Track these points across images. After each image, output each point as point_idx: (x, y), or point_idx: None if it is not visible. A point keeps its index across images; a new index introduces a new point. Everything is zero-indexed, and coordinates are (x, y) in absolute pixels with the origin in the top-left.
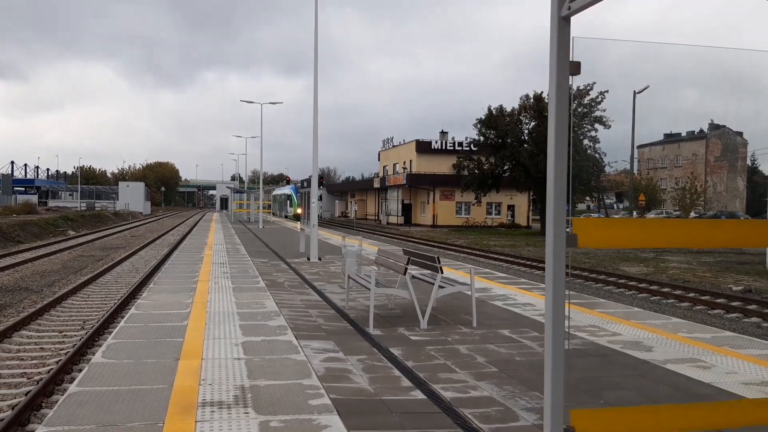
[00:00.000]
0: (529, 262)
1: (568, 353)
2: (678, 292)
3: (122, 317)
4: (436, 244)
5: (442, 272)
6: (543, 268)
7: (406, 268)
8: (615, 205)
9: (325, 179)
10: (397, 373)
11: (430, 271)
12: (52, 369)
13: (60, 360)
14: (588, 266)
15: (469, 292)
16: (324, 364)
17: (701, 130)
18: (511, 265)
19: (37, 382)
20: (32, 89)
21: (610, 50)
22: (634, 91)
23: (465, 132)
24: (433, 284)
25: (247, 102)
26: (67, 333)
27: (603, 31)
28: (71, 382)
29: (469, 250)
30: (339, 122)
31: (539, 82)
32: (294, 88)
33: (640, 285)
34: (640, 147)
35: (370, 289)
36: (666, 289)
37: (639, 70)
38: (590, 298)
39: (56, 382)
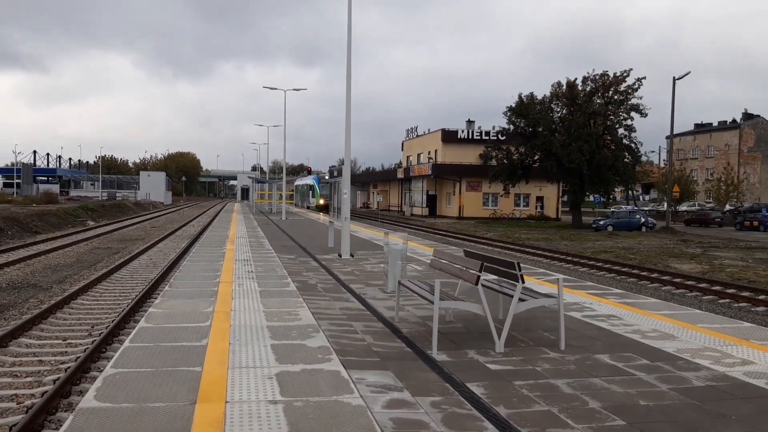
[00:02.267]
0: (569, 258)
1: (703, 391)
2: (746, 293)
3: (130, 331)
4: (465, 237)
5: (523, 281)
6: (592, 266)
7: (477, 276)
8: (642, 197)
9: (336, 173)
10: (490, 427)
11: (496, 277)
12: (46, 392)
13: (58, 378)
14: (634, 262)
15: (551, 305)
16: (389, 413)
17: (734, 120)
18: (552, 261)
19: (26, 410)
20: (53, 80)
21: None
22: (674, 77)
23: (485, 121)
24: (507, 294)
25: (270, 88)
26: (72, 341)
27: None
28: (67, 411)
29: (501, 244)
30: (356, 113)
31: (559, 70)
32: (311, 79)
33: (700, 285)
34: (668, 137)
35: (431, 301)
36: (731, 290)
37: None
38: (677, 307)
39: (48, 411)
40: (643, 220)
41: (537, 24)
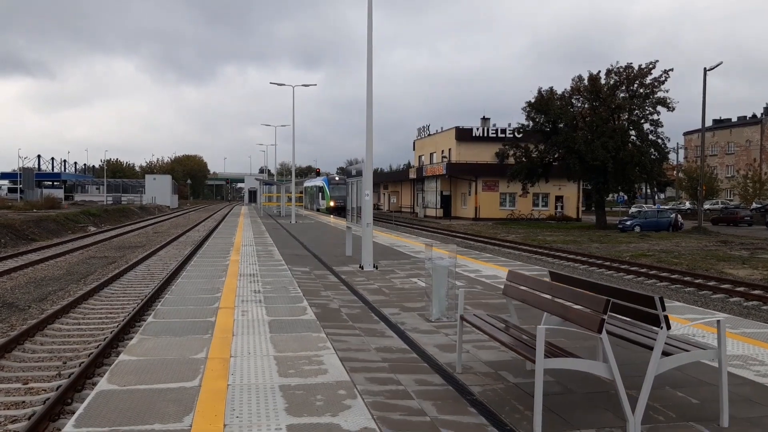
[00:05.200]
0: (606, 263)
1: None
2: None
3: (108, 368)
4: (485, 240)
5: (669, 326)
6: (637, 273)
7: (601, 321)
8: (657, 195)
9: (354, 172)
10: None
11: (588, 309)
12: None
13: None
14: (682, 268)
15: (710, 360)
16: None
17: (754, 115)
18: (590, 267)
19: None
20: (59, 85)
21: None
22: (705, 68)
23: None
24: (631, 341)
25: (278, 84)
26: (34, 385)
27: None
28: None
29: (528, 248)
30: (361, 114)
31: (561, 70)
32: (314, 81)
33: None
34: (686, 134)
35: (529, 359)
36: None
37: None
38: None
39: None
40: (678, 220)
41: (538, 24)
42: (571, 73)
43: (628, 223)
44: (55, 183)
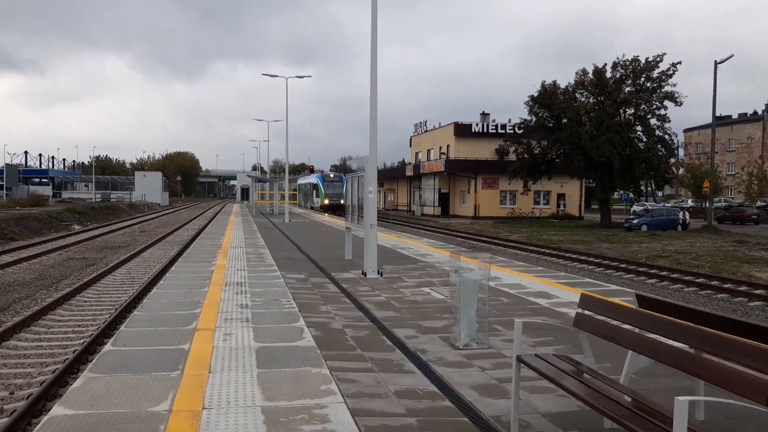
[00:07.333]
0: (622, 265)
1: None
2: None
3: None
4: (487, 240)
5: None
6: (660, 277)
7: None
8: (656, 193)
9: (355, 166)
10: None
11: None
12: None
13: None
14: (704, 270)
15: None
16: None
17: (755, 112)
18: (606, 270)
19: None
20: (50, 82)
21: None
22: (715, 61)
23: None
24: None
25: (271, 75)
26: None
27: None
28: None
29: (534, 249)
30: (355, 112)
31: (552, 68)
32: (305, 79)
33: None
34: (687, 131)
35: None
36: None
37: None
38: None
39: None
40: (686, 219)
41: (529, 22)
42: (561, 72)
43: (635, 221)
44: (43, 180)
